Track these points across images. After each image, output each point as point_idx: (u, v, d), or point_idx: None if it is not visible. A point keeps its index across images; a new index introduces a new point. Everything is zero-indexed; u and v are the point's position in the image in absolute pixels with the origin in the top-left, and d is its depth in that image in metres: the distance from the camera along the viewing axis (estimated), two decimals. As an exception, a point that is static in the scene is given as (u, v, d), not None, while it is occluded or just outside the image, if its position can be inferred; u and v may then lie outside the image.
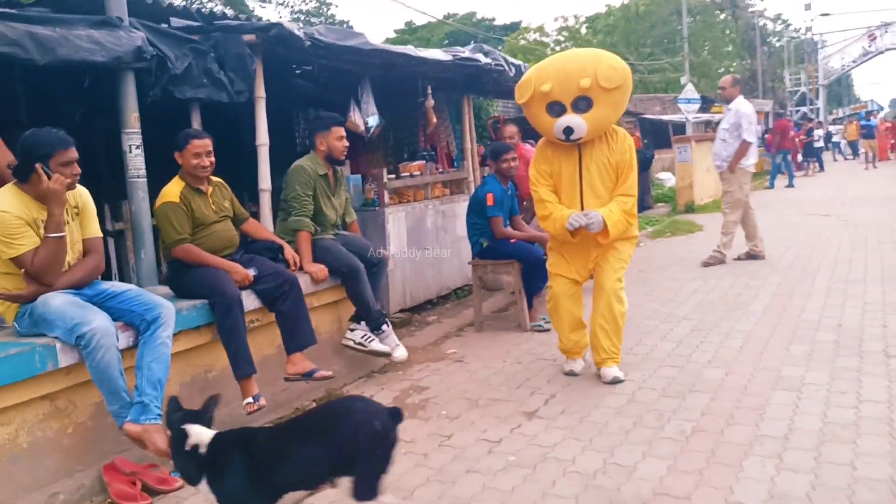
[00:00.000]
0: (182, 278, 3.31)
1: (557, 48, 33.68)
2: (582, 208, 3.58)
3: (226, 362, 3.30)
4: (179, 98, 3.97)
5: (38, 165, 2.67)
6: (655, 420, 3.12)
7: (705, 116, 17.01)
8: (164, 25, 4.11)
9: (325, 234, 4.01)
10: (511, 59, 6.65)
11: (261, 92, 4.29)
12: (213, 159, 3.39)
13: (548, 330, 4.78)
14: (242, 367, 3.18)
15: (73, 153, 2.76)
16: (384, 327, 4.03)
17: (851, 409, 3.09)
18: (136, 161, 3.89)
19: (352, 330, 4.03)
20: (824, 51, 41.29)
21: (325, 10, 34.39)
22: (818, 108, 38.87)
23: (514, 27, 38.81)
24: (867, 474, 2.50)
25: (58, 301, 2.68)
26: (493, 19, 41.75)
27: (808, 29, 40.96)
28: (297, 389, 3.73)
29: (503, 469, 2.76)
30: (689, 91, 14.66)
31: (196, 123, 4.09)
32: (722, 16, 32.70)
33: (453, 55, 5.79)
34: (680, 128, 14.85)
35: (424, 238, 5.71)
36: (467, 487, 2.63)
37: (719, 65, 30.38)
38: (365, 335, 3.99)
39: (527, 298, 4.97)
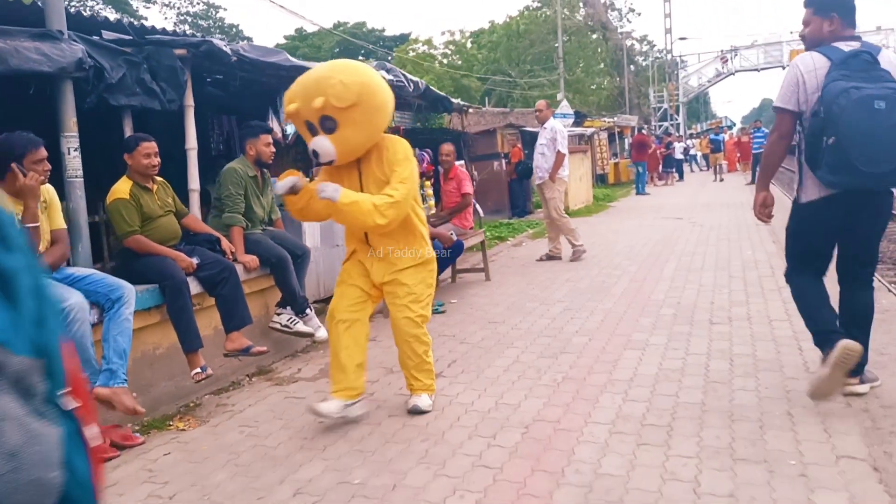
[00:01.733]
0: (133, 266, 3.75)
1: (445, 61, 34.96)
2: None
3: (172, 340, 3.78)
4: (114, 105, 4.35)
5: (13, 165, 3.07)
6: (535, 373, 3.93)
7: (578, 130, 18.58)
8: (96, 37, 4.46)
9: (255, 228, 4.54)
10: (410, 76, 7.38)
11: (190, 101, 4.73)
12: (159, 159, 3.85)
13: (444, 312, 5.58)
14: (191, 341, 3.67)
15: (44, 152, 3.18)
16: (308, 311, 4.61)
17: (680, 360, 4.04)
18: (73, 162, 4.22)
19: (278, 314, 4.57)
20: (684, 71, 45.44)
21: (214, 13, 33.75)
22: (679, 123, 42.70)
23: (403, 39, 39.81)
24: (685, 400, 3.41)
25: (34, 282, 3.08)
26: (383, 30, 42.68)
27: (669, 51, 44.78)
28: (232, 365, 4.24)
29: (418, 412, 3.45)
30: (564, 106, 16.07)
31: (129, 129, 4.47)
32: (594, 36, 35.28)
33: (359, 72, 6.42)
34: (557, 140, 16.16)
35: (336, 235, 6.29)
36: (391, 426, 3.30)
37: (592, 81, 32.81)
38: (290, 318, 4.55)
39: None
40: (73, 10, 5.22)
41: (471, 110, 11.36)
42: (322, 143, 3.08)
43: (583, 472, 2.65)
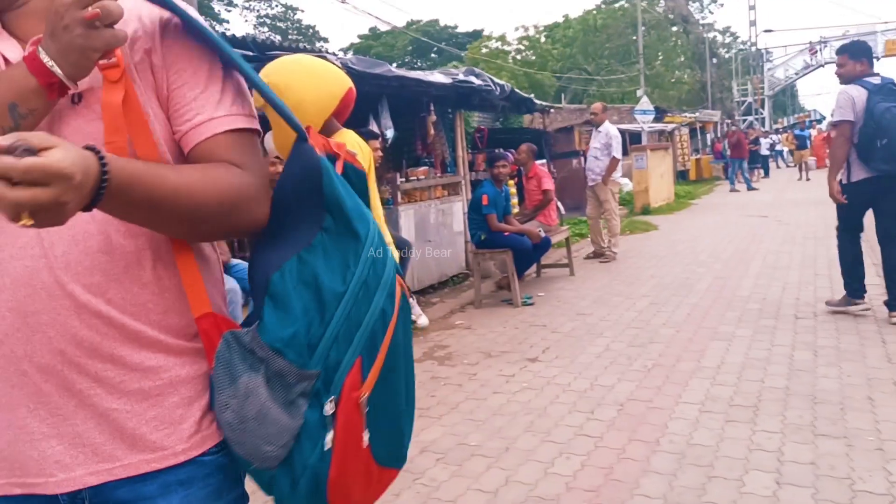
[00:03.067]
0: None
1: (518, 57, 35.13)
2: None
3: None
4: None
5: None
6: (626, 360, 4.25)
7: (659, 126, 18.45)
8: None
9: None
10: (496, 80, 7.77)
11: (307, 111, 5.28)
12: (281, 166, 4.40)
13: (533, 304, 5.95)
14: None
15: None
16: (410, 300, 5.08)
17: (765, 350, 4.26)
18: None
19: (385, 302, 5.05)
20: (770, 63, 43.78)
21: (292, 14, 35.10)
22: (763, 118, 41.23)
23: (476, 35, 40.16)
24: (771, 384, 3.66)
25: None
26: (456, 27, 43.11)
27: (754, 43, 43.28)
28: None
29: (520, 390, 3.84)
30: (645, 103, 16.03)
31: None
32: (674, 29, 34.60)
33: (452, 78, 6.87)
34: (636, 137, 16.15)
35: (428, 232, 6.77)
36: (496, 401, 3.70)
37: (672, 76, 32.23)
38: (396, 306, 5.02)
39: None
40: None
41: (552, 110, 11.63)
42: (266, 140, 2.96)
43: (676, 443, 2.97)
